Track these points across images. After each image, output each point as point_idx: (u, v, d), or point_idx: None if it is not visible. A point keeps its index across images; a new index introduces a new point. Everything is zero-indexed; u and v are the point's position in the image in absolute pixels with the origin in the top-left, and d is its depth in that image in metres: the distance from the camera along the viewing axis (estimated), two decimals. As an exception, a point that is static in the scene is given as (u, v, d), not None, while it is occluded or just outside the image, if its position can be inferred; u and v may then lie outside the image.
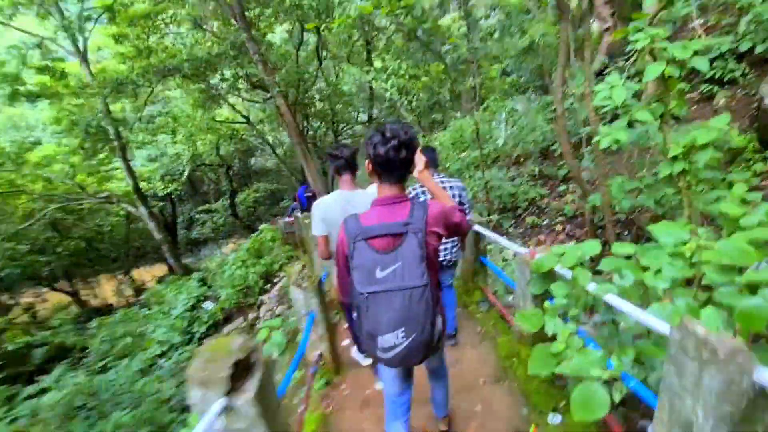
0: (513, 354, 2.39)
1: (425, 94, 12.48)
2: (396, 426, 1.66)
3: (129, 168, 12.60)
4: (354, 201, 2.20)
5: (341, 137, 19.90)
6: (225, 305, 6.49)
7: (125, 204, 13.40)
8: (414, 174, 1.48)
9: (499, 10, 8.52)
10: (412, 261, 1.28)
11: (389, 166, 1.36)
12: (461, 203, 2.47)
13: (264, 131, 17.86)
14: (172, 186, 18.53)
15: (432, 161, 2.68)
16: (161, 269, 19.89)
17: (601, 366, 1.24)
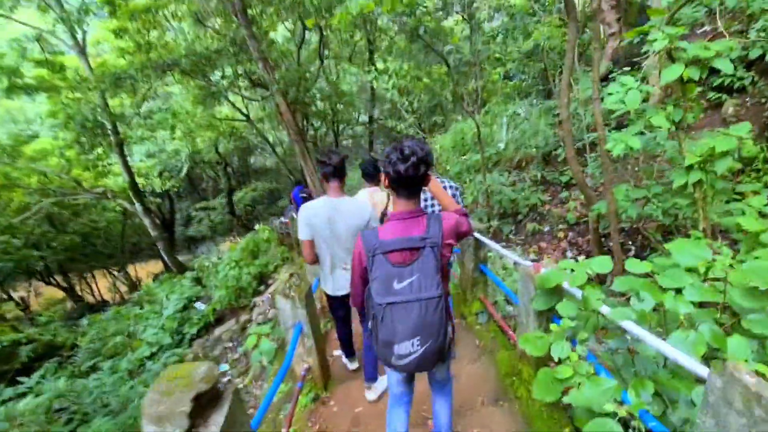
0: (514, 372, 2.25)
1: (426, 95, 12.38)
2: (398, 412, 1.80)
3: (126, 163, 12.46)
4: (340, 208, 2.22)
5: (341, 137, 19.79)
6: (217, 306, 6.35)
7: (121, 200, 13.25)
8: None
9: (503, 12, 8.40)
10: (428, 273, 1.35)
11: (408, 182, 1.40)
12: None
13: (264, 129, 17.73)
14: (170, 183, 18.40)
15: None
16: (157, 266, 19.76)
17: (616, 399, 1.10)
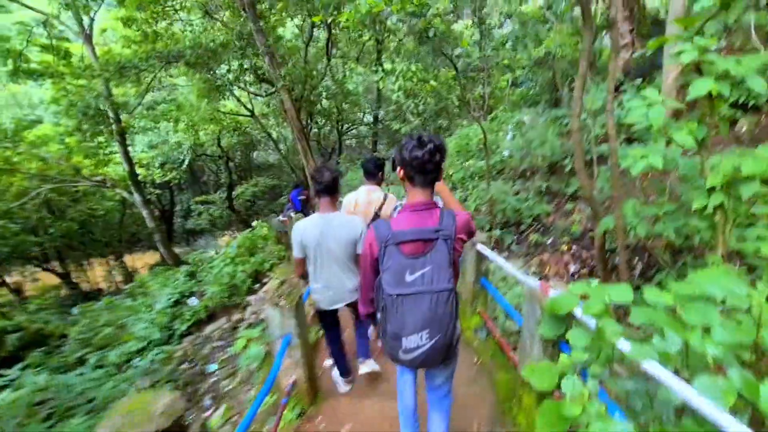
0: (513, 396, 2.13)
1: (433, 99, 12.27)
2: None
3: (126, 153, 12.35)
4: (332, 223, 2.27)
5: (345, 137, 19.68)
6: (209, 303, 6.22)
7: (120, 189, 13.14)
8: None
9: (515, 18, 8.29)
10: (440, 265, 1.34)
11: (424, 169, 1.39)
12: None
13: (268, 126, 17.62)
14: (171, 174, 18.28)
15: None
16: (154, 256, 19.63)
17: (633, 449, 0.98)
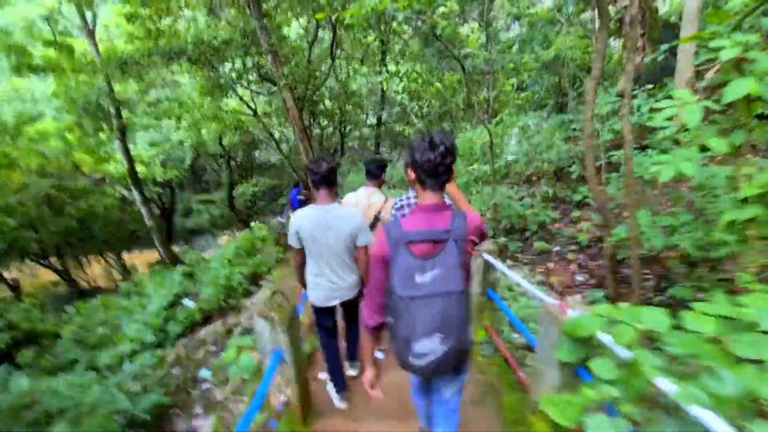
0: (522, 419, 1.97)
1: (438, 101, 12.14)
2: None
3: (126, 150, 12.25)
4: (330, 215, 2.20)
5: (348, 138, 19.55)
6: (205, 306, 6.07)
7: (119, 187, 13.03)
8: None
9: (522, 21, 8.15)
10: (451, 267, 1.31)
11: (435, 171, 1.38)
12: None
13: (270, 125, 17.50)
14: (172, 172, 18.19)
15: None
16: (153, 254, 19.51)
17: None
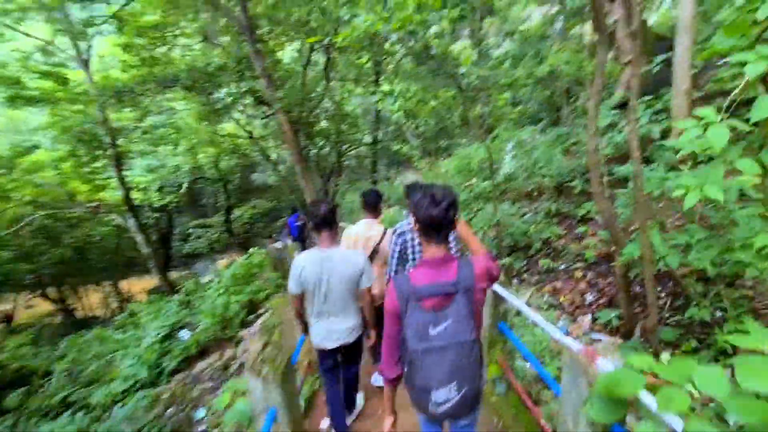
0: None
1: (433, 119, 12.17)
2: None
3: (122, 178, 12.16)
4: (332, 258, 2.19)
5: (345, 158, 19.57)
6: (201, 337, 5.84)
7: (115, 215, 12.89)
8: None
9: (515, 37, 8.21)
10: (462, 318, 1.35)
11: (438, 226, 1.43)
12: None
13: (267, 147, 17.52)
14: (168, 198, 18.08)
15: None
16: (151, 281, 19.24)
17: None
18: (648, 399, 1.05)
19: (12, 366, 6.48)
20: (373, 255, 2.86)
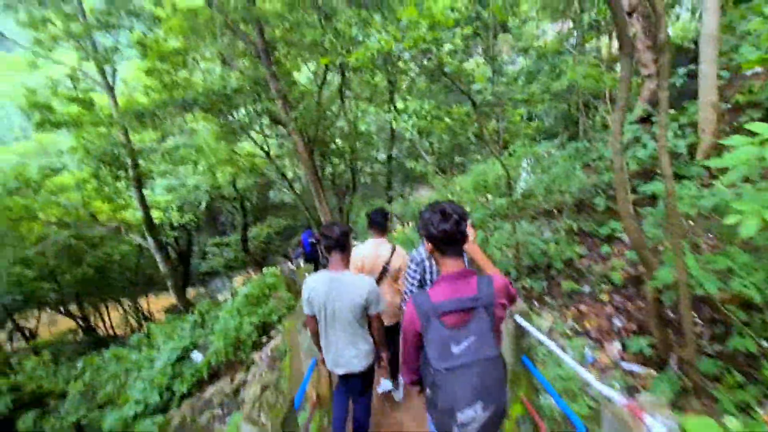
0: None
1: (447, 135, 12.11)
2: None
3: (142, 198, 12.44)
4: (340, 283, 2.14)
5: (359, 175, 19.65)
6: (212, 360, 5.74)
7: (134, 235, 13.15)
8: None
9: (529, 53, 8.13)
10: (485, 333, 1.32)
11: (452, 240, 1.41)
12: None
13: (283, 166, 17.75)
14: (187, 216, 18.41)
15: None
16: (170, 299, 19.49)
17: None
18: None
19: (28, 387, 6.52)
20: (383, 273, 2.84)
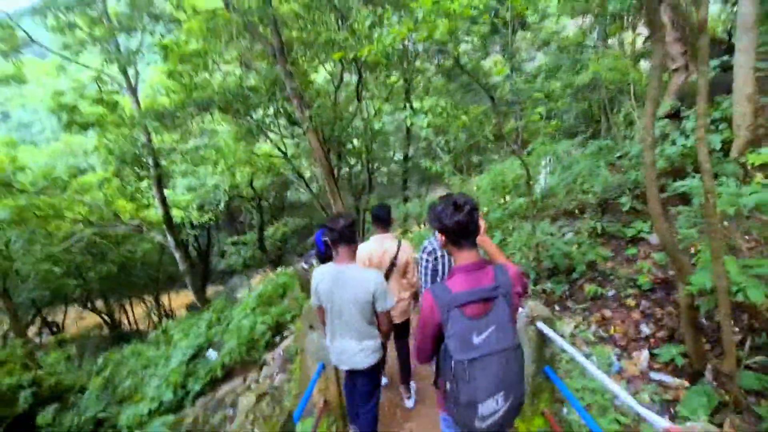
0: None
1: (464, 134, 11.88)
2: None
3: (162, 197, 12.70)
4: (345, 276, 2.11)
5: (375, 175, 19.57)
6: (226, 359, 5.73)
7: (154, 233, 13.45)
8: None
9: (550, 48, 7.87)
10: (503, 323, 1.33)
11: (466, 231, 1.41)
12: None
13: (300, 165, 17.85)
14: (207, 216, 18.75)
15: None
16: (191, 296, 19.90)
17: None
18: None
19: (48, 382, 6.68)
20: (391, 268, 2.80)
